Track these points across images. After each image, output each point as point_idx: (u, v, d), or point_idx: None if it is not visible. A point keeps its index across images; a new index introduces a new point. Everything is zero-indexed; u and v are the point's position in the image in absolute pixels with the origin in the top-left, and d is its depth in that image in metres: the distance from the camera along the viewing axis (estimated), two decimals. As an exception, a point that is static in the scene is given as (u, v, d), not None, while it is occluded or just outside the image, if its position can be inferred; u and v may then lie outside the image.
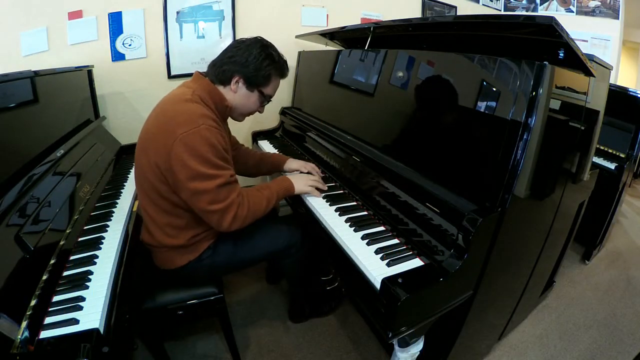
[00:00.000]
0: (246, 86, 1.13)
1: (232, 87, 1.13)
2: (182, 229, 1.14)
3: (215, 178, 1.01)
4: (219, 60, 1.14)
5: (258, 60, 1.10)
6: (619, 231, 2.66)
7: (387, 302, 0.83)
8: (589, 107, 1.12)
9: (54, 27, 1.81)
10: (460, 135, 1.10)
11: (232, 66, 1.11)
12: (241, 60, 1.10)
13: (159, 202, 1.10)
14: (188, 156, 0.97)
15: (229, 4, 2.13)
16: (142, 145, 1.07)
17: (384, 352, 1.52)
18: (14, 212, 0.94)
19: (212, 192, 1.01)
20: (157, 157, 1.01)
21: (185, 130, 0.97)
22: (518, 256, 1.21)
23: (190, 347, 1.54)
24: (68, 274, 0.96)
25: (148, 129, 1.07)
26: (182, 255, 1.19)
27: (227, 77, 1.12)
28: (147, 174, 1.06)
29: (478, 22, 1.12)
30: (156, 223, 1.14)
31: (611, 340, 1.61)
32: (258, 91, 1.16)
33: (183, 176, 0.99)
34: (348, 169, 1.47)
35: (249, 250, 1.28)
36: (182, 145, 0.96)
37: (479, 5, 3.12)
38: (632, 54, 4.98)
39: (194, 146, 0.97)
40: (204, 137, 0.98)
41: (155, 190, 1.07)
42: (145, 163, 1.05)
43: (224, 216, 1.05)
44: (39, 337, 0.75)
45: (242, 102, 1.16)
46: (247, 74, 1.11)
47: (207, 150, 0.99)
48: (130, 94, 2.07)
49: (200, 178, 0.99)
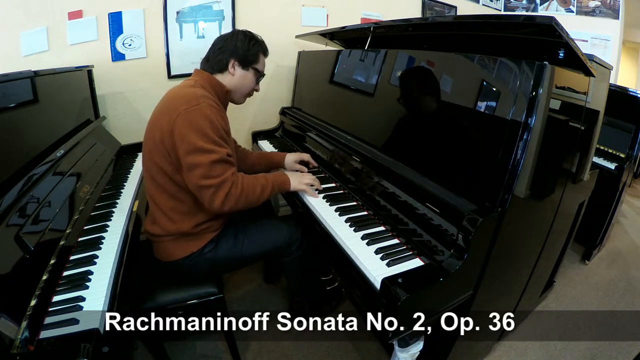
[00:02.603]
0: (242, 67, 1.25)
1: (230, 70, 1.24)
2: (185, 215, 1.18)
3: (211, 153, 1.06)
4: (211, 54, 1.26)
5: (245, 43, 1.24)
6: (619, 231, 2.65)
7: (387, 302, 0.83)
8: (589, 107, 1.12)
9: (54, 27, 1.81)
10: (460, 135, 1.10)
11: (224, 54, 1.23)
12: (230, 47, 1.23)
13: (164, 184, 1.15)
14: (187, 130, 1.04)
15: (229, 4, 2.13)
16: (150, 129, 1.15)
17: (384, 352, 1.52)
18: (14, 212, 0.94)
19: (206, 166, 1.05)
20: (162, 134, 1.08)
21: (187, 107, 1.06)
22: (518, 256, 1.21)
23: (190, 347, 1.54)
24: (68, 274, 0.96)
25: (155, 115, 1.15)
26: (184, 244, 1.21)
27: (224, 64, 1.24)
28: (154, 156, 1.12)
29: (478, 22, 1.13)
30: (161, 209, 1.18)
31: (611, 340, 1.61)
32: (252, 69, 1.28)
33: (182, 150, 1.05)
34: (348, 169, 1.47)
35: (249, 246, 1.30)
36: (183, 119, 1.05)
37: (479, 5, 3.11)
38: (632, 54, 4.97)
39: (194, 120, 1.05)
40: (204, 113, 1.06)
41: (162, 171, 1.13)
42: (152, 145, 1.12)
43: (217, 192, 1.08)
44: (39, 337, 0.75)
45: (240, 82, 1.27)
46: (239, 56, 1.24)
47: (206, 125, 1.06)
48: (130, 94, 2.07)
49: (196, 152, 1.04)
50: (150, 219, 1.24)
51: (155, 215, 1.21)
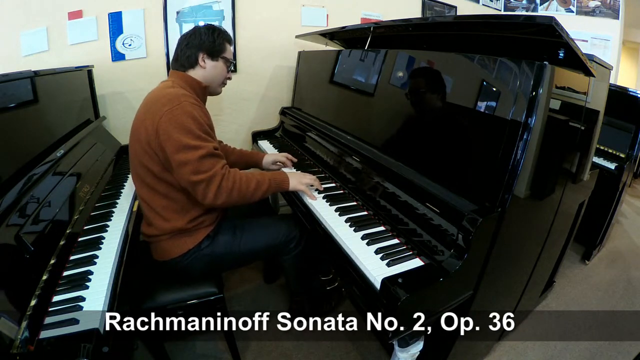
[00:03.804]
0: (211, 58, 1.27)
1: (201, 64, 1.26)
2: (179, 212, 1.19)
3: (198, 149, 1.08)
4: (179, 52, 1.28)
5: (209, 36, 1.26)
6: (619, 231, 2.65)
7: (387, 302, 0.83)
8: (589, 107, 1.12)
9: (54, 27, 1.81)
10: (460, 135, 1.10)
11: (192, 50, 1.25)
12: (196, 42, 1.25)
13: (154, 185, 1.16)
14: (172, 128, 1.06)
15: (229, 4, 2.13)
16: (134, 132, 1.16)
17: (384, 352, 1.52)
18: (14, 212, 0.94)
19: (195, 162, 1.08)
20: (148, 136, 1.10)
21: (170, 107, 1.08)
22: (518, 256, 1.21)
23: (190, 347, 1.54)
24: (68, 274, 0.96)
25: (138, 117, 1.17)
26: (181, 241, 1.22)
27: (193, 60, 1.26)
28: (141, 158, 1.14)
29: (478, 22, 1.13)
30: (154, 209, 1.19)
31: (611, 340, 1.61)
32: (221, 58, 1.30)
33: (170, 149, 1.07)
34: (348, 169, 1.47)
35: (247, 242, 1.31)
36: (167, 120, 1.07)
37: (479, 5, 3.12)
38: (632, 54, 4.97)
39: (177, 119, 1.07)
40: (186, 111, 1.09)
41: (150, 172, 1.15)
42: (138, 148, 1.13)
43: (208, 186, 1.10)
44: (39, 337, 0.75)
45: (212, 73, 1.29)
46: (207, 48, 1.25)
47: (189, 122, 1.08)
48: (130, 94, 2.07)
49: (184, 149, 1.07)
50: (145, 221, 1.26)
51: (149, 216, 1.22)
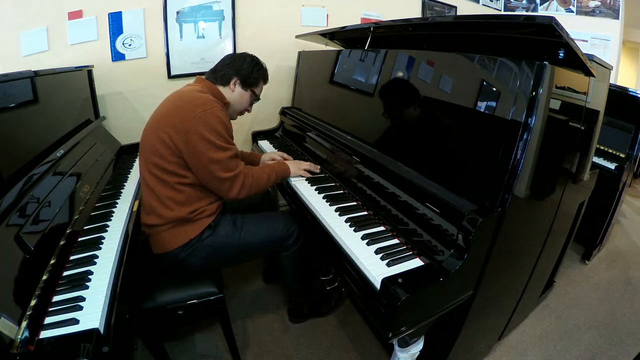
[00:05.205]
0: (242, 86, 1.39)
1: (231, 86, 1.38)
2: (182, 204, 1.24)
3: (227, 150, 1.22)
4: (219, 67, 1.39)
5: (250, 66, 1.38)
6: (619, 231, 2.66)
7: (387, 302, 0.83)
8: (589, 107, 1.12)
9: (54, 27, 1.81)
10: (460, 135, 1.10)
11: (230, 70, 1.37)
12: (237, 66, 1.37)
13: (163, 175, 1.22)
14: (205, 130, 1.17)
15: (229, 4, 2.13)
16: (155, 125, 1.22)
17: (384, 352, 1.52)
18: (14, 212, 0.94)
19: (225, 162, 1.22)
20: (175, 133, 1.17)
21: (203, 109, 1.18)
22: (518, 256, 1.21)
23: (190, 347, 1.54)
24: (68, 274, 0.96)
25: (163, 112, 1.24)
26: (182, 232, 1.24)
27: (227, 79, 1.37)
28: (158, 148, 1.19)
29: (478, 22, 1.12)
30: (158, 197, 1.23)
31: (611, 340, 1.61)
32: (250, 90, 1.42)
33: (202, 147, 1.17)
34: (348, 169, 1.47)
35: (248, 234, 1.35)
36: (200, 121, 1.16)
37: (479, 5, 3.12)
38: (632, 54, 4.97)
39: (211, 122, 1.18)
40: (218, 116, 1.20)
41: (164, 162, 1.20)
42: (157, 140, 1.19)
43: (234, 183, 1.26)
44: (39, 337, 0.75)
45: (237, 99, 1.40)
46: (242, 76, 1.38)
47: (221, 127, 1.20)
48: (130, 94, 2.07)
49: (217, 149, 1.19)
50: (145, 210, 1.28)
51: (152, 204, 1.25)
